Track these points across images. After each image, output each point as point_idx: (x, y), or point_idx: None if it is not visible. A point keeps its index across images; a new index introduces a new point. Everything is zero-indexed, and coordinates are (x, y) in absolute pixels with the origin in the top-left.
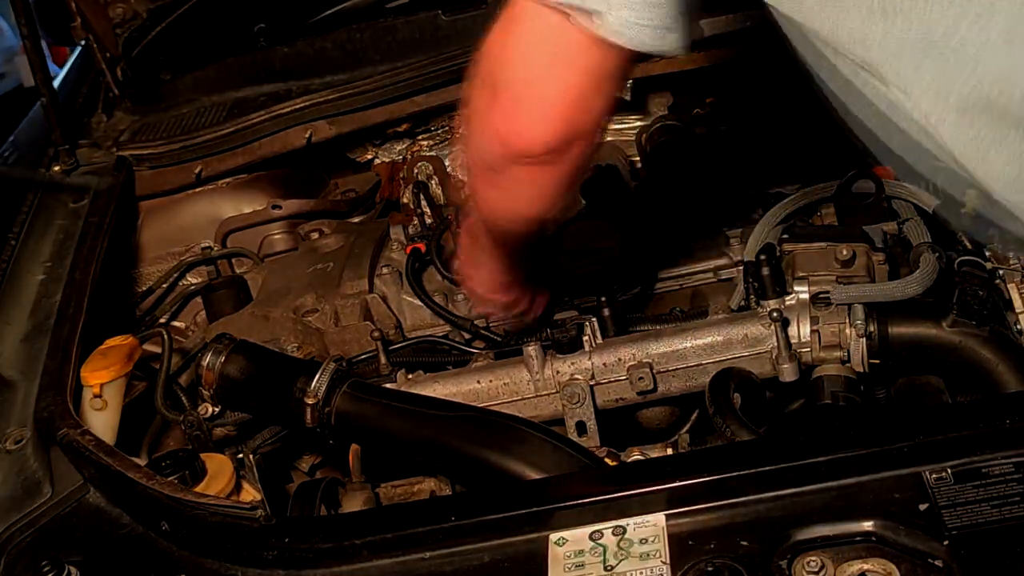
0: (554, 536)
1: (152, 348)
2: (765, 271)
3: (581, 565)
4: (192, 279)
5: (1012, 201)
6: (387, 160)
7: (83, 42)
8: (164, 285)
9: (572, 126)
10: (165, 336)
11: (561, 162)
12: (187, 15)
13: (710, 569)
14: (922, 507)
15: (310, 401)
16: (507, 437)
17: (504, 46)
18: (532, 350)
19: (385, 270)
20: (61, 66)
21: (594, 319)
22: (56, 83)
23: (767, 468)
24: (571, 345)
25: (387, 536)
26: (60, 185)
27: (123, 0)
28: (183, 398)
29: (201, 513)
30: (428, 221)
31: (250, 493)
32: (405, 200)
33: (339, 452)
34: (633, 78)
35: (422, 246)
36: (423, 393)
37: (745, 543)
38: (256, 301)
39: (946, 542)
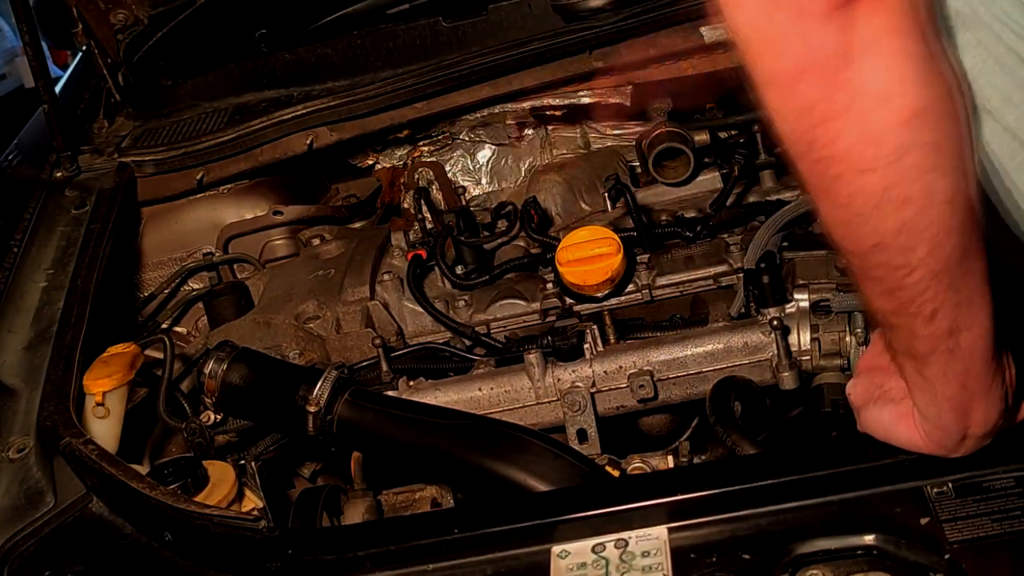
0: (557, 549)
1: (154, 354)
2: (765, 279)
3: None
4: (194, 285)
5: None
6: (388, 166)
7: (84, 48)
8: (166, 291)
9: None
10: (167, 342)
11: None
12: (188, 21)
13: None
14: (923, 521)
15: (312, 409)
16: (508, 445)
17: None
18: (533, 358)
19: (386, 276)
20: (62, 69)
21: (595, 326)
22: (57, 89)
23: (769, 482)
24: (572, 353)
25: (390, 548)
26: (62, 191)
27: (124, 6)
28: (185, 405)
29: (204, 523)
30: (429, 227)
31: (252, 500)
32: (406, 205)
33: (341, 459)
34: (633, 83)
35: (423, 252)
36: (425, 400)
37: (747, 556)
38: (258, 307)
39: (947, 556)
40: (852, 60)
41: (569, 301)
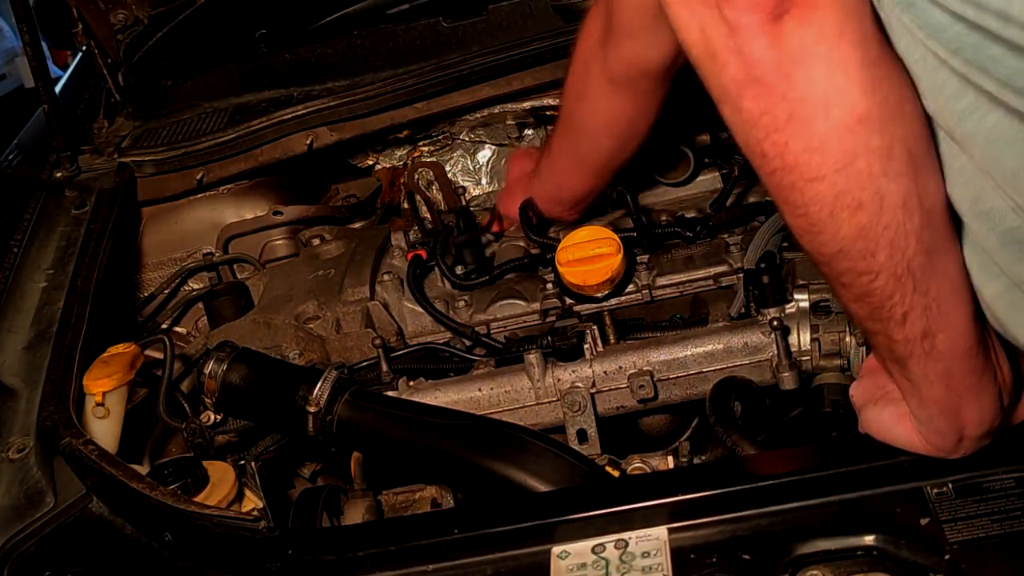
0: (557, 549)
1: (154, 354)
2: (765, 279)
3: None
4: (194, 285)
5: None
6: (388, 166)
7: (84, 48)
8: (166, 291)
9: None
10: (167, 342)
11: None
12: (188, 21)
13: None
14: (923, 521)
15: (312, 409)
16: (508, 446)
17: None
18: (533, 358)
19: (386, 277)
20: (62, 69)
21: (595, 326)
22: (57, 89)
23: (769, 482)
24: (572, 353)
25: (390, 548)
26: (62, 191)
27: (124, 6)
28: (185, 405)
29: (204, 524)
30: (428, 226)
31: (252, 500)
32: (406, 205)
33: (341, 459)
34: None
35: (423, 252)
36: (425, 400)
37: (747, 557)
38: (258, 307)
39: (947, 556)
40: (787, 72)
41: (569, 301)
